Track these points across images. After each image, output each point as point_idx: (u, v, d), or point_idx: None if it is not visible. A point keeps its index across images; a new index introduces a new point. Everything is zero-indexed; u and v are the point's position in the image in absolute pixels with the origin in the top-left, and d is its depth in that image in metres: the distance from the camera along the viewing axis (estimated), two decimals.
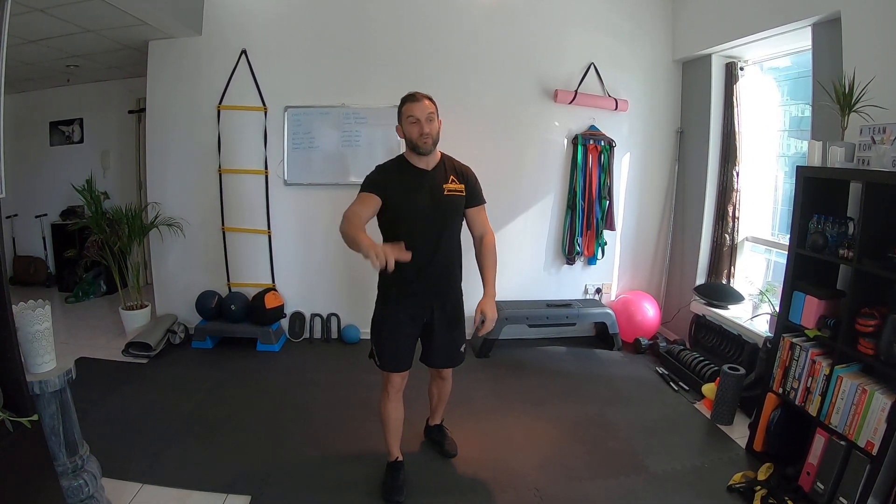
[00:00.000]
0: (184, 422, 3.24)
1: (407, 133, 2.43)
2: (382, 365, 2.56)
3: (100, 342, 4.43)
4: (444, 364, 2.71)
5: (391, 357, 2.54)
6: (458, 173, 2.58)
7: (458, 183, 2.55)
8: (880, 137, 2.44)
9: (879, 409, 2.27)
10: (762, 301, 3.90)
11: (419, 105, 2.40)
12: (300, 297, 4.68)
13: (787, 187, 3.93)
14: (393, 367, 2.55)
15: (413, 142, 2.43)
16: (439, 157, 2.55)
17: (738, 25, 3.74)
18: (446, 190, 2.51)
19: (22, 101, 5.83)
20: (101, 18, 3.72)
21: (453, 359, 2.70)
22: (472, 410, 3.48)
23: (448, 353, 2.67)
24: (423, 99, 2.43)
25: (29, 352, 1.97)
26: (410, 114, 2.40)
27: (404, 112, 2.43)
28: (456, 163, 2.62)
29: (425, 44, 4.38)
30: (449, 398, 2.98)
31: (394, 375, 2.57)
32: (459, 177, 2.57)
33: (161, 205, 4.46)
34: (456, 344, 2.67)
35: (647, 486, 2.72)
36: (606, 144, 4.53)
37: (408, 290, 2.49)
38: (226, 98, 4.35)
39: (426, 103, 2.42)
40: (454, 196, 2.53)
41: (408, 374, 2.61)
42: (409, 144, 2.46)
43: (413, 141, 2.42)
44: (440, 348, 2.63)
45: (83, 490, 2.08)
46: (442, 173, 2.52)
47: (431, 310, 2.55)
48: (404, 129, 2.44)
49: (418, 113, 2.39)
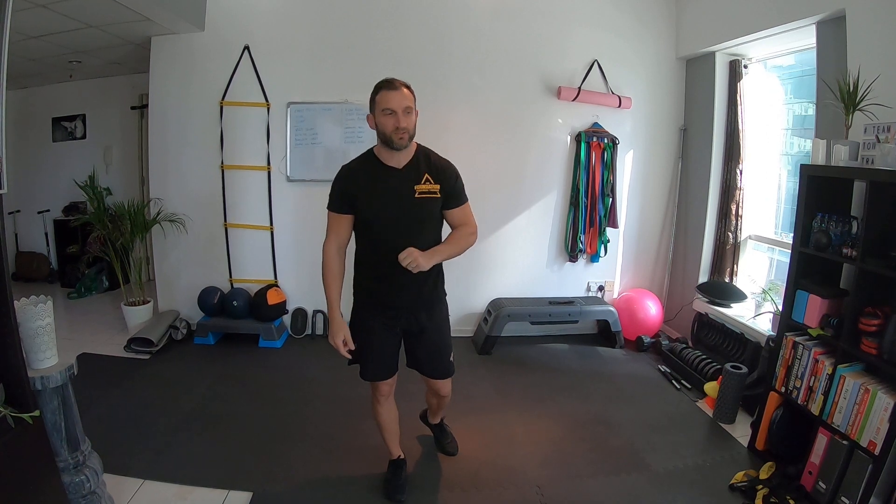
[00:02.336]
0: (185, 418, 3.25)
1: (380, 125, 2.14)
2: (363, 374, 2.41)
3: (102, 338, 4.44)
4: (431, 374, 2.51)
5: (369, 366, 2.41)
6: (434, 171, 2.27)
7: (433, 183, 2.25)
8: (885, 136, 2.43)
9: (882, 409, 2.27)
10: (765, 299, 3.89)
11: (396, 94, 2.10)
12: (302, 294, 4.68)
13: (791, 186, 3.92)
14: (374, 377, 2.43)
15: (387, 136, 2.14)
16: (413, 152, 2.27)
17: (743, 23, 3.72)
18: (418, 192, 2.23)
19: (25, 96, 5.83)
20: (104, 14, 3.71)
21: (437, 369, 2.50)
22: (474, 407, 3.48)
23: (432, 364, 2.48)
24: (402, 87, 2.13)
25: (31, 347, 1.97)
26: (386, 105, 2.10)
27: (378, 101, 2.13)
28: (434, 157, 2.32)
29: (428, 40, 4.37)
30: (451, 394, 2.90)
31: (378, 384, 2.46)
32: (435, 175, 2.27)
33: (163, 201, 4.46)
34: (441, 354, 2.48)
35: (648, 485, 2.72)
36: (609, 142, 4.52)
37: (379, 299, 2.34)
38: (228, 94, 4.34)
39: (404, 92, 2.13)
40: (427, 199, 2.25)
41: (395, 378, 2.49)
42: (382, 138, 2.17)
43: (387, 135, 2.14)
44: (423, 358, 2.47)
45: (85, 486, 2.08)
46: (415, 172, 2.24)
47: (407, 319, 2.37)
48: (377, 119, 2.15)
49: (395, 104, 2.10)
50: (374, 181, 2.22)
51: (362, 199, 2.22)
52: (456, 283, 4.52)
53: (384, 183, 2.22)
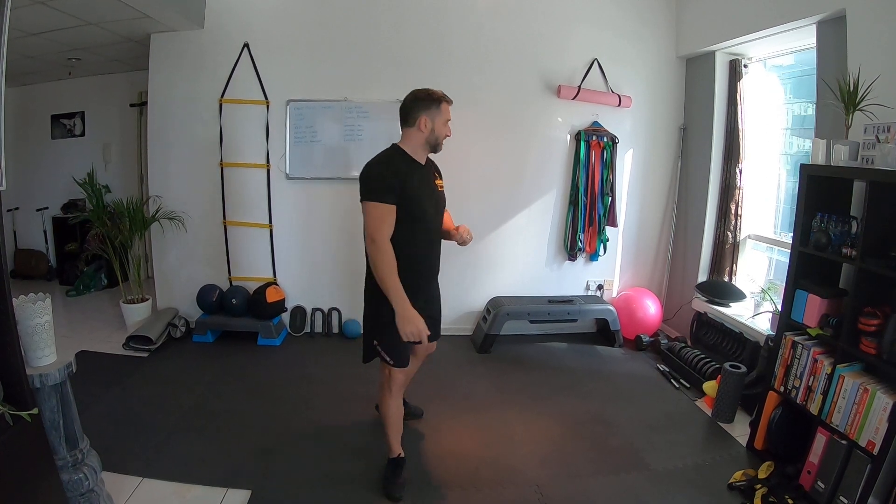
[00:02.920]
0: (184, 416, 3.24)
1: (437, 131, 2.41)
2: (400, 363, 2.49)
3: (100, 336, 4.43)
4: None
5: (407, 354, 2.54)
6: (437, 169, 2.60)
7: (440, 179, 2.59)
8: (885, 136, 2.42)
9: (881, 409, 2.27)
10: (764, 299, 3.89)
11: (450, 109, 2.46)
12: (301, 291, 4.68)
13: (790, 185, 3.92)
14: (406, 364, 2.54)
15: (439, 141, 2.44)
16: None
17: (743, 22, 3.72)
18: (439, 186, 2.54)
19: (23, 94, 5.81)
20: (104, 11, 3.71)
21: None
22: (473, 406, 3.49)
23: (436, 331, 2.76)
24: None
25: (29, 345, 1.97)
26: (449, 116, 2.44)
27: (442, 112, 2.41)
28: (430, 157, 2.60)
29: (428, 38, 4.37)
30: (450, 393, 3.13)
31: (404, 372, 2.57)
32: (439, 172, 2.62)
33: (162, 198, 4.45)
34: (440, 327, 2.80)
35: (647, 484, 2.72)
36: (609, 141, 4.52)
37: (418, 286, 2.46)
38: (228, 91, 4.34)
39: None
40: (443, 192, 2.59)
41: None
42: (430, 140, 2.42)
43: (439, 140, 2.44)
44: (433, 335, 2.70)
45: (83, 484, 2.08)
46: (430, 169, 2.52)
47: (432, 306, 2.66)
48: (435, 126, 2.39)
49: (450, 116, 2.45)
50: (412, 175, 2.38)
51: (412, 191, 2.34)
52: (455, 281, 4.55)
53: (420, 176, 2.42)
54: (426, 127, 2.38)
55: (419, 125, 2.38)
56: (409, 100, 2.42)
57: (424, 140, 2.41)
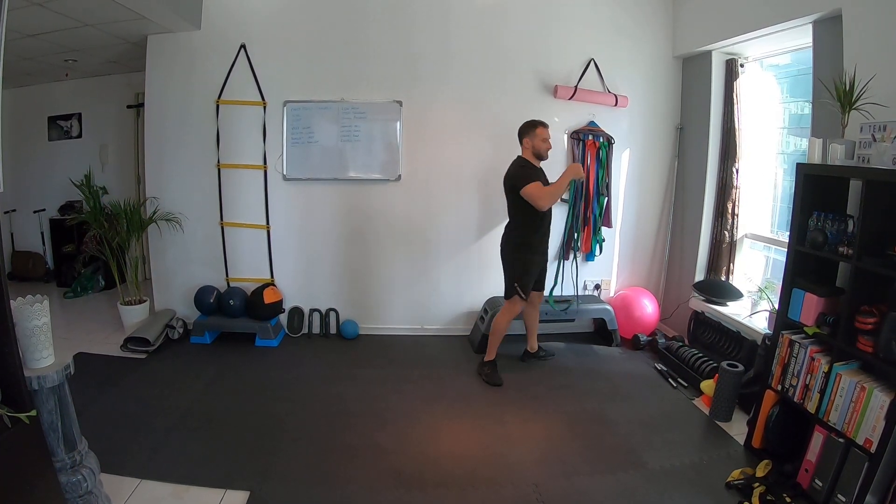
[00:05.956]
0: (182, 417, 3.24)
1: (537, 147, 3.64)
2: (527, 293, 3.74)
3: (98, 337, 4.42)
4: (540, 288, 4.00)
5: (529, 292, 3.77)
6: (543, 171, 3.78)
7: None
8: (881, 135, 2.43)
9: (878, 407, 2.28)
10: (761, 298, 3.90)
11: (547, 129, 3.68)
12: (299, 293, 4.68)
13: (787, 184, 3.93)
14: (527, 297, 3.78)
15: (543, 153, 3.68)
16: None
17: (739, 22, 3.73)
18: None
19: (20, 95, 5.80)
20: (100, 13, 3.70)
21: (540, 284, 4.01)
22: (471, 405, 3.49)
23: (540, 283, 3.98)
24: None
25: (27, 347, 1.96)
26: (546, 136, 3.66)
27: (538, 133, 3.63)
28: None
29: (424, 39, 4.37)
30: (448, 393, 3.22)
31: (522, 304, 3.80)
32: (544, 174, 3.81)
33: (160, 199, 4.45)
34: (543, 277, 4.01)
35: (645, 483, 2.72)
36: (605, 140, 4.52)
37: (539, 247, 3.77)
38: (225, 92, 4.34)
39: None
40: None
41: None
42: (536, 153, 3.66)
43: (543, 153, 3.68)
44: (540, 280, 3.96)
45: (81, 485, 2.08)
46: (542, 170, 3.74)
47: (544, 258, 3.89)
48: (535, 144, 3.64)
49: (547, 135, 3.68)
50: (536, 171, 3.66)
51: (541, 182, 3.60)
52: (452, 282, 4.55)
53: (538, 173, 3.69)
54: (528, 145, 3.66)
55: (524, 144, 3.69)
56: (519, 128, 3.71)
57: (531, 153, 3.67)
